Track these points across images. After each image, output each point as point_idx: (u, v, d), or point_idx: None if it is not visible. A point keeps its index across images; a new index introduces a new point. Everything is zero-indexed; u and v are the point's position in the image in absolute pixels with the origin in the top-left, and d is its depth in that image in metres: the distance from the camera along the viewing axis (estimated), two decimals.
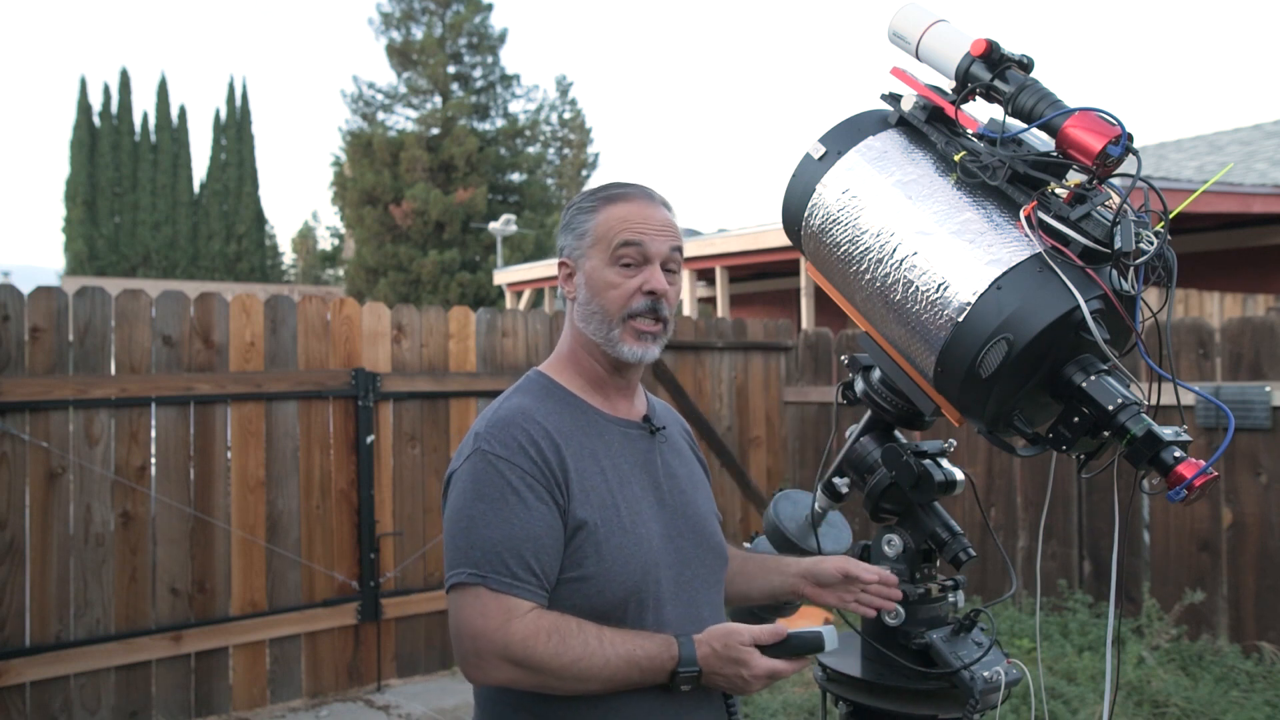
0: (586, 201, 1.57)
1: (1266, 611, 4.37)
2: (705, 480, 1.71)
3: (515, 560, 1.38)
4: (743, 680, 1.39)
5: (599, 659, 1.37)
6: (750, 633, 1.39)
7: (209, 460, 4.42)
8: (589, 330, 1.52)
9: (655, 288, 1.49)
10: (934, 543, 1.57)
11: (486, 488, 1.42)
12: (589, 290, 1.52)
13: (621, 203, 1.54)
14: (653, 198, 1.56)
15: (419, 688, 4.83)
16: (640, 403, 1.63)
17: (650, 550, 1.48)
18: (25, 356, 4.01)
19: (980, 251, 1.35)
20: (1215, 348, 4.61)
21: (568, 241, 1.57)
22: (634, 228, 1.50)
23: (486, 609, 1.37)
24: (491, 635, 1.36)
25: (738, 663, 1.38)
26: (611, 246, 1.50)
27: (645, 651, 1.39)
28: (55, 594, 4.01)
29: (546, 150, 30.82)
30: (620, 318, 1.49)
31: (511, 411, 1.49)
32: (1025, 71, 1.41)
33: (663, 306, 1.51)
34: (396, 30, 27.24)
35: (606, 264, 1.50)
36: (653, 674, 1.40)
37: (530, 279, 14.13)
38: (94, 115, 32.00)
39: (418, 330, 5.07)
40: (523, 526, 1.39)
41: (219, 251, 33.50)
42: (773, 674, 1.39)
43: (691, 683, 1.40)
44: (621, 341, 1.50)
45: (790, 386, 6.58)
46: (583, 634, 1.38)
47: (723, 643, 1.39)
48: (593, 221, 1.53)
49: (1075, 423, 1.33)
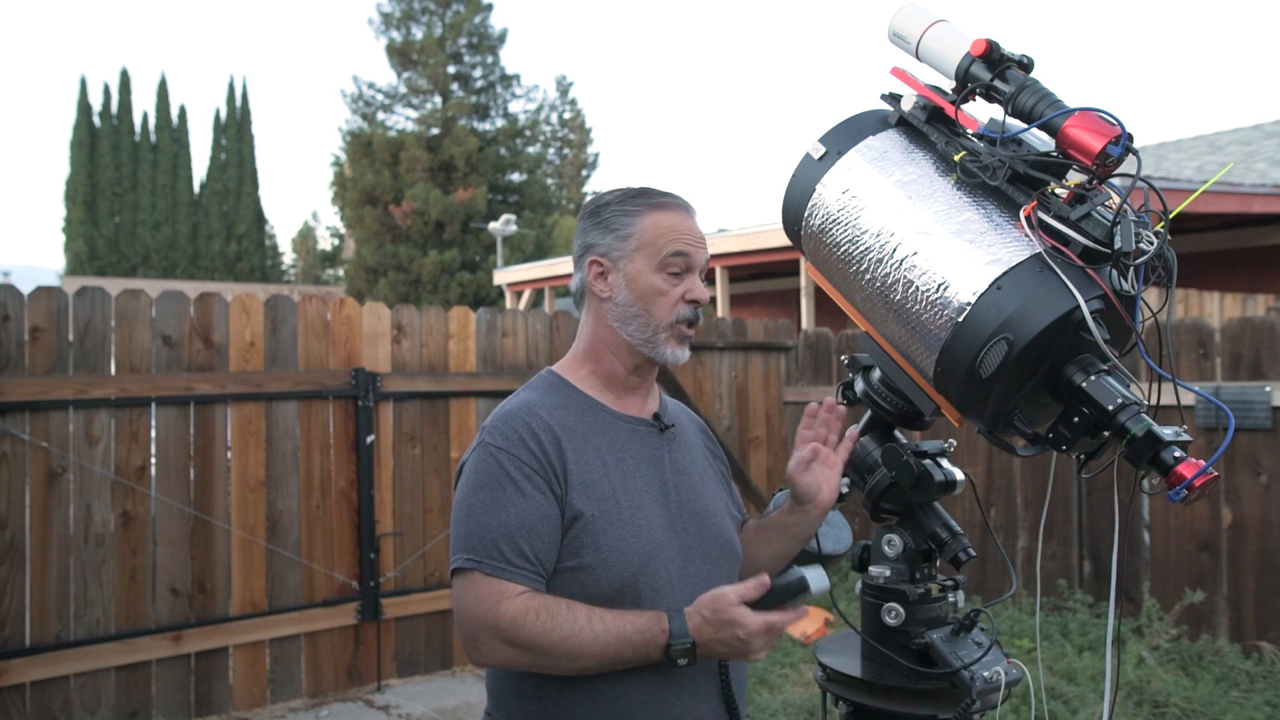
0: (629, 204, 1.59)
1: (1266, 611, 4.37)
2: (720, 479, 1.73)
3: (509, 546, 1.43)
4: (740, 641, 1.37)
5: (588, 635, 1.40)
6: (735, 592, 1.38)
7: (209, 460, 4.42)
8: (626, 331, 1.57)
9: (699, 298, 1.57)
10: (934, 543, 1.57)
11: (486, 477, 1.48)
12: (632, 293, 1.56)
13: (668, 211, 1.58)
14: (689, 209, 1.64)
15: (419, 688, 4.83)
16: (652, 402, 1.67)
17: (650, 543, 1.50)
18: (25, 356, 4.01)
19: (980, 251, 1.35)
20: (1215, 348, 4.61)
21: (604, 240, 1.58)
22: (682, 239, 1.57)
23: (480, 592, 1.43)
24: (484, 616, 1.42)
25: (730, 624, 1.37)
26: (661, 254, 1.55)
27: (635, 627, 1.41)
28: (55, 594, 4.01)
29: (546, 150, 30.84)
30: (669, 323, 1.56)
31: (517, 406, 1.55)
32: (1025, 71, 1.41)
33: (698, 314, 1.59)
34: (396, 30, 27.24)
35: (654, 270, 1.55)
36: (646, 649, 1.40)
37: (530, 279, 14.13)
38: (94, 115, 32.01)
39: (418, 330, 5.07)
40: (518, 515, 1.45)
41: (219, 251, 33.51)
42: (769, 627, 1.37)
43: (687, 655, 1.39)
44: (665, 345, 1.56)
45: (790, 386, 6.59)
46: (571, 612, 1.41)
47: (711, 608, 1.39)
48: (637, 226, 1.57)
49: (1075, 423, 1.32)
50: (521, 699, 1.51)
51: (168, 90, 33.59)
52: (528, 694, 1.50)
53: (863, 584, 1.62)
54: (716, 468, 1.74)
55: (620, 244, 1.57)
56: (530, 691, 1.49)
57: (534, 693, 1.49)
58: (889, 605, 1.55)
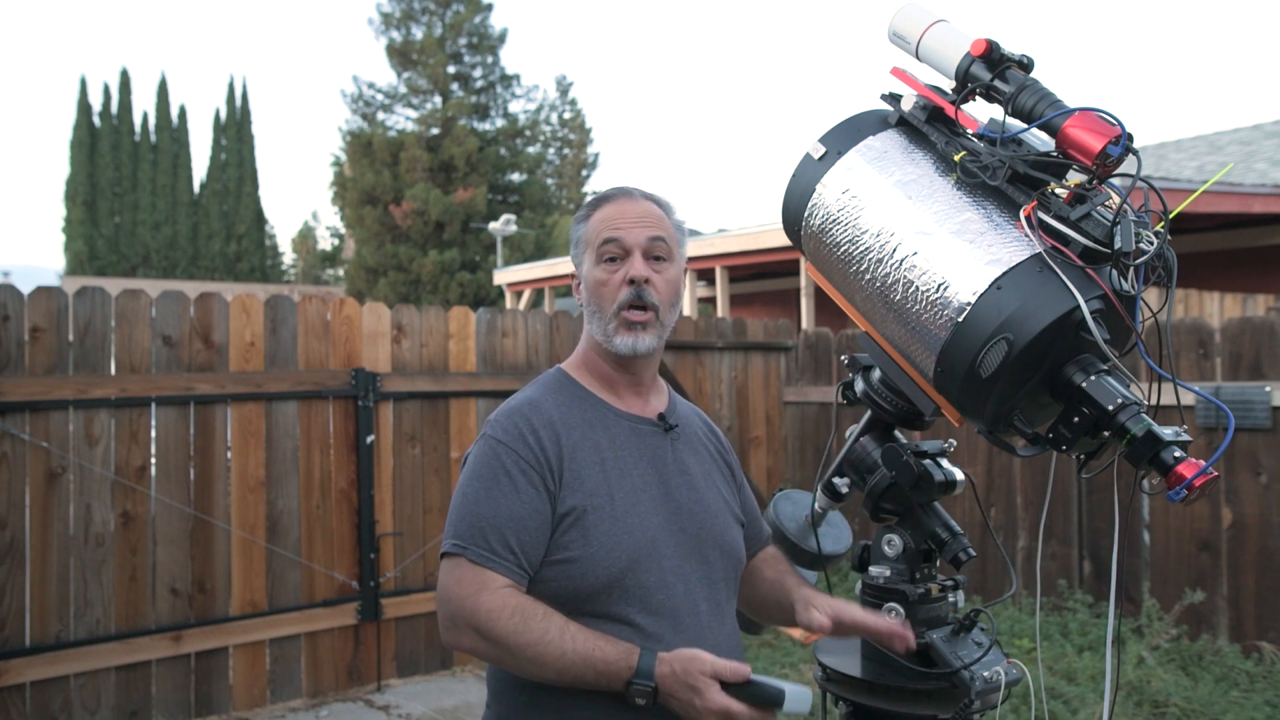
0: (582, 213, 1.67)
1: (1266, 611, 4.37)
2: (727, 481, 1.73)
3: (495, 537, 1.47)
4: (694, 710, 1.35)
5: (555, 649, 1.39)
6: (713, 664, 1.35)
7: (209, 460, 4.42)
8: (593, 330, 1.62)
9: (634, 275, 1.56)
10: (934, 543, 1.57)
11: (483, 469, 1.52)
12: (587, 292, 1.62)
13: (604, 205, 1.63)
14: (631, 194, 1.64)
15: (419, 688, 4.83)
16: (658, 402, 1.68)
17: (642, 540, 1.51)
18: (25, 356, 4.01)
19: (980, 251, 1.35)
20: (1215, 348, 4.60)
21: (571, 253, 1.68)
22: (612, 224, 1.59)
23: (463, 578, 1.46)
24: (462, 602, 1.45)
25: (693, 690, 1.34)
26: (595, 246, 1.60)
27: (603, 654, 1.39)
28: (55, 594, 4.01)
29: (546, 150, 30.82)
30: (613, 312, 1.57)
31: (521, 402, 1.59)
32: (1025, 71, 1.41)
33: (647, 293, 1.57)
34: (396, 30, 27.24)
35: (595, 264, 1.60)
36: (608, 679, 1.39)
37: (530, 279, 14.13)
38: (94, 115, 32.01)
39: (418, 330, 5.07)
40: (508, 507, 1.48)
41: (219, 251, 33.51)
42: (726, 713, 1.32)
43: (645, 697, 1.37)
44: (615, 334, 1.57)
45: (790, 386, 6.59)
46: (546, 621, 1.41)
47: (684, 666, 1.36)
48: (583, 229, 1.64)
49: (1075, 423, 1.32)
50: (517, 689, 1.53)
51: (168, 90, 33.60)
52: (520, 682, 1.51)
53: (863, 584, 1.61)
54: (724, 470, 1.74)
55: (576, 251, 1.65)
56: (524, 681, 1.51)
57: (526, 681, 1.50)
58: (889, 605, 1.55)
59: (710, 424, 1.81)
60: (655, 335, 1.58)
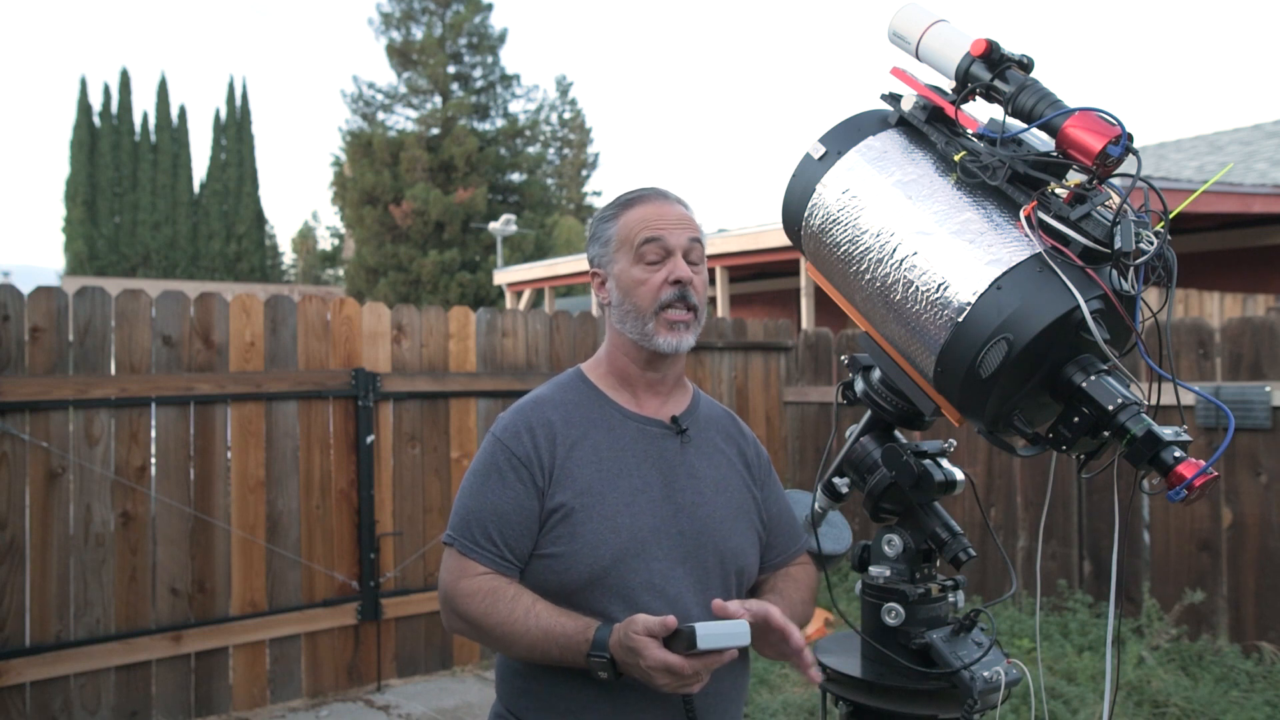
0: (607, 211, 1.68)
1: (1266, 611, 4.37)
2: (747, 487, 1.71)
3: (479, 529, 1.54)
4: (642, 672, 1.36)
5: (520, 626, 1.47)
6: (644, 623, 1.37)
7: (209, 460, 4.42)
8: (626, 329, 1.62)
9: (681, 276, 1.59)
10: (934, 543, 1.57)
11: (481, 464, 1.60)
12: (620, 292, 1.62)
13: (638, 205, 1.64)
14: (667, 196, 1.67)
15: (419, 688, 4.83)
16: (676, 404, 1.69)
17: (631, 540, 1.53)
18: (25, 356, 4.01)
19: (980, 251, 1.35)
20: (1215, 348, 4.60)
21: (595, 251, 1.68)
22: (652, 225, 1.61)
23: (450, 565, 1.57)
24: (446, 586, 1.56)
25: (633, 651, 1.36)
26: (634, 246, 1.60)
27: (563, 629, 1.46)
28: (55, 594, 4.01)
29: (546, 150, 30.84)
30: (653, 311, 1.59)
31: (527, 401, 1.65)
32: (1025, 71, 1.41)
33: (690, 294, 1.60)
34: (396, 30, 27.26)
35: (632, 263, 1.61)
36: (570, 653, 1.45)
37: (530, 279, 14.13)
38: (94, 115, 32.02)
39: (418, 330, 5.07)
40: (494, 502, 1.55)
41: (219, 251, 33.52)
42: (666, 667, 1.34)
43: (605, 669, 1.41)
44: (656, 334, 1.59)
45: (790, 386, 6.59)
46: (513, 603, 1.49)
47: (624, 630, 1.39)
48: (614, 228, 1.64)
49: (1075, 423, 1.32)
50: (513, 675, 1.61)
51: (168, 90, 33.60)
52: (515, 669, 1.60)
53: (863, 584, 1.61)
54: (744, 475, 1.72)
55: (605, 250, 1.65)
56: (518, 666, 1.59)
57: (520, 668, 1.59)
58: (889, 605, 1.55)
59: (743, 428, 1.80)
60: (694, 335, 1.63)
